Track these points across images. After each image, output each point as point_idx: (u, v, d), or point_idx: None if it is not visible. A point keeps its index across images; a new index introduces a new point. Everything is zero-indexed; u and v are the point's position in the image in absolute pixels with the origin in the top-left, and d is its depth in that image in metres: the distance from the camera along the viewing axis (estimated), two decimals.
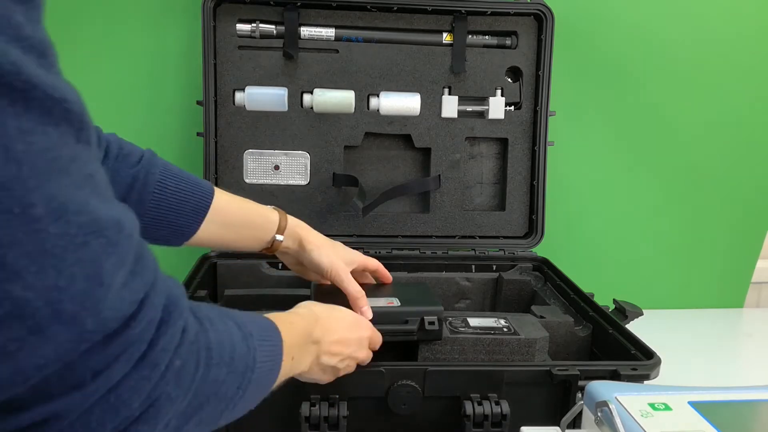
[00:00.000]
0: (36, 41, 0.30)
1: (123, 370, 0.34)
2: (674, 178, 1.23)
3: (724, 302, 1.31)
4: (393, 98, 1.07)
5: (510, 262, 1.10)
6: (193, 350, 0.39)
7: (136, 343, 0.34)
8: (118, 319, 0.33)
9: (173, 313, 0.37)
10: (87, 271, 0.31)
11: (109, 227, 0.33)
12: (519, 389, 0.71)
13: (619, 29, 1.15)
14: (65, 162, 0.31)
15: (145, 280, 0.35)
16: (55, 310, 0.30)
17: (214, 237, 0.73)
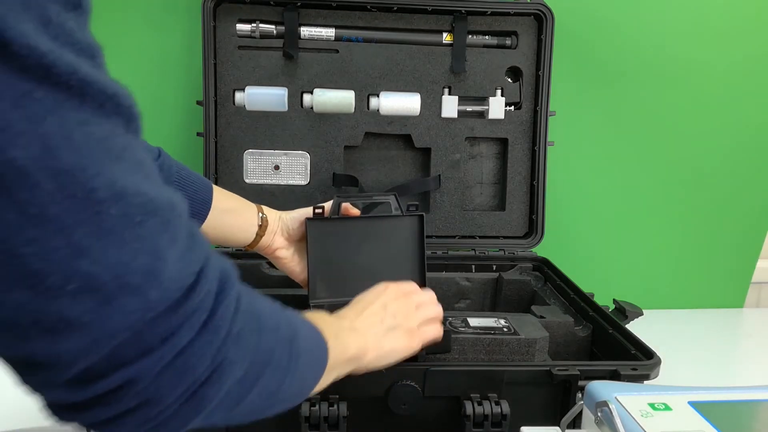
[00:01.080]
0: (86, 45, 0.33)
1: (188, 336, 0.37)
2: (674, 178, 1.23)
3: (724, 302, 1.31)
4: (393, 98, 1.07)
5: (510, 262, 1.10)
6: (247, 318, 0.42)
7: (198, 311, 0.37)
8: (179, 290, 0.36)
9: (227, 284, 0.40)
10: (146, 247, 0.34)
11: (162, 207, 0.36)
12: (519, 389, 0.71)
13: (619, 29, 1.15)
14: (119, 150, 0.34)
15: (200, 255, 0.39)
16: (121, 283, 0.33)
17: (216, 226, 0.77)
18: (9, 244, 0.30)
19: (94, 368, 0.34)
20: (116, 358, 0.34)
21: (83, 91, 0.32)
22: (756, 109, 1.20)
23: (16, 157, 0.29)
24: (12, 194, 0.30)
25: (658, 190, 1.23)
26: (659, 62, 1.17)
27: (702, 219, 1.25)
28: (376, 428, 0.72)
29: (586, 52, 1.16)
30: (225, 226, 0.78)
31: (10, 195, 0.30)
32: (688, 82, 1.18)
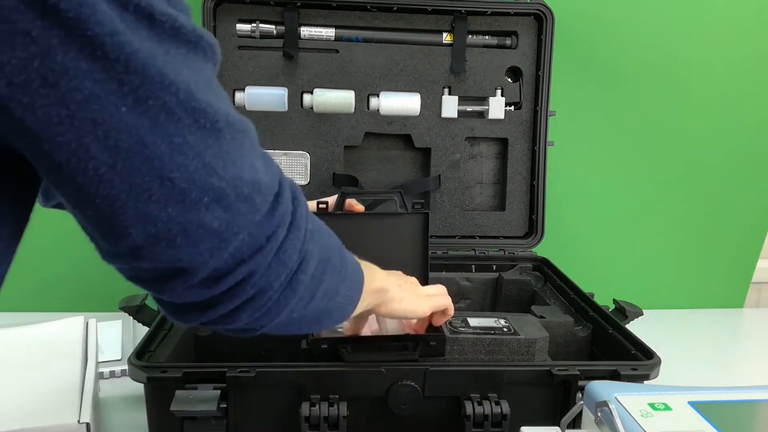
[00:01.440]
0: (187, 7, 0.40)
1: (283, 233, 0.44)
2: (674, 178, 1.23)
3: (724, 302, 1.31)
4: (393, 98, 1.07)
5: (510, 262, 1.10)
6: (311, 218, 0.49)
7: (286, 214, 0.45)
8: (272, 195, 0.43)
9: (297, 191, 0.47)
10: (247, 162, 0.42)
11: (249, 129, 0.43)
12: (519, 389, 0.71)
13: (619, 29, 1.15)
14: (216, 86, 0.41)
15: (276, 168, 0.46)
16: (238, 193, 0.40)
17: None
18: (163, 170, 0.37)
19: (222, 268, 0.42)
20: (237, 256, 0.42)
21: (197, 44, 0.39)
22: (756, 109, 1.20)
23: (167, 101, 0.37)
24: (164, 129, 0.37)
25: (658, 190, 1.23)
26: (659, 62, 1.17)
27: (702, 219, 1.25)
28: (376, 428, 0.72)
29: (586, 52, 1.16)
30: None
31: (163, 130, 0.37)
32: (688, 81, 1.18)
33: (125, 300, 0.83)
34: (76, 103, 0.34)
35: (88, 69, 0.34)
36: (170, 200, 0.38)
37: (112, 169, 0.36)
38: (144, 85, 0.36)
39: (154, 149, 0.37)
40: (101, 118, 0.35)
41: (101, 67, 0.34)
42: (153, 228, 0.38)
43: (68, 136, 0.35)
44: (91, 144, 0.35)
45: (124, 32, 0.35)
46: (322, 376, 0.68)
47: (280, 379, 0.68)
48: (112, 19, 0.34)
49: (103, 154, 0.36)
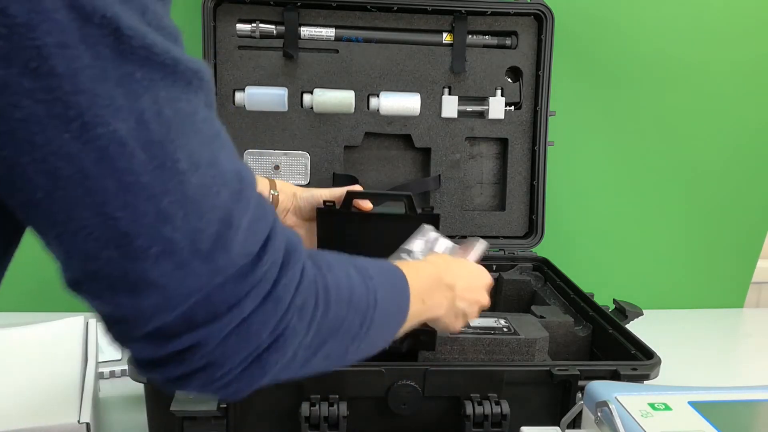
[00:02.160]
0: (172, 29, 0.36)
1: (252, 304, 0.39)
2: (674, 177, 1.23)
3: (724, 302, 1.31)
4: (393, 98, 1.07)
5: (510, 262, 1.10)
6: (312, 290, 0.43)
7: (263, 281, 0.39)
8: (246, 257, 0.38)
9: (293, 256, 0.42)
10: (219, 215, 0.37)
11: (234, 179, 0.38)
12: (519, 389, 0.71)
13: (619, 29, 1.15)
14: (200, 123, 0.37)
15: (266, 225, 0.40)
16: (195, 249, 0.36)
17: None
18: (105, 208, 0.33)
19: (168, 328, 0.37)
20: (187, 320, 0.37)
21: (175, 70, 0.35)
22: (756, 109, 1.20)
23: (118, 129, 0.32)
24: (113, 163, 0.33)
25: (658, 190, 1.23)
26: (659, 62, 1.17)
27: (702, 219, 1.25)
28: (376, 428, 0.72)
29: (586, 52, 1.16)
30: None
31: (111, 163, 0.33)
32: (688, 82, 1.18)
33: None
34: (14, 121, 0.31)
35: (30, 87, 0.31)
36: (111, 241, 0.34)
37: (49, 197, 0.33)
38: (92, 109, 0.32)
39: (97, 182, 0.33)
40: (40, 141, 0.31)
41: (44, 85, 0.31)
42: (92, 265, 0.35)
43: (5, 152, 0.32)
44: (27, 166, 0.32)
45: (75, 46, 0.31)
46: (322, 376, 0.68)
47: None
48: (66, 31, 0.31)
49: (41, 179, 0.32)
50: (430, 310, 0.61)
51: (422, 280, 0.60)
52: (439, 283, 0.63)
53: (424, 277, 0.61)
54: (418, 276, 0.59)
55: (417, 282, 0.58)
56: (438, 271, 0.63)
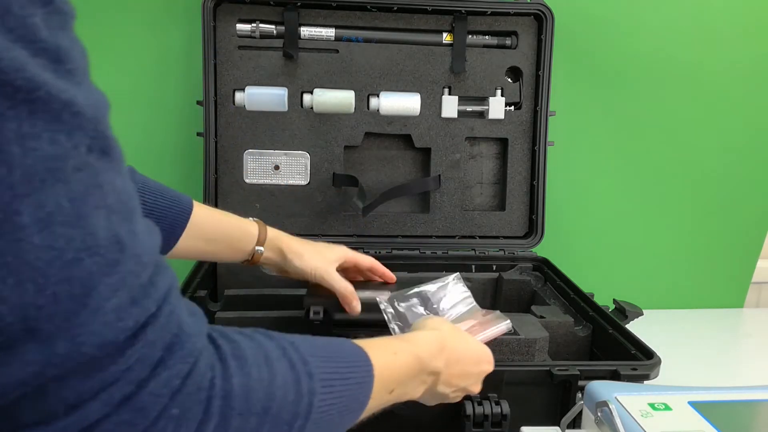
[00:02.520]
0: (52, 45, 0.29)
1: (101, 410, 0.30)
2: (674, 177, 1.23)
3: (724, 302, 1.31)
4: (393, 98, 1.07)
5: (510, 262, 1.10)
6: (199, 398, 0.34)
7: (120, 381, 0.31)
8: (101, 347, 0.30)
9: (176, 354, 0.33)
10: (74, 290, 0.29)
11: (109, 246, 0.31)
12: (519, 389, 0.71)
13: (619, 29, 1.15)
14: (69, 171, 0.29)
15: (144, 311, 0.32)
16: (28, 328, 0.28)
17: (192, 250, 0.74)
18: None
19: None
20: (12, 419, 0.29)
21: (32, 96, 0.28)
22: (756, 109, 1.20)
23: None
24: None
25: (658, 190, 1.23)
26: (659, 62, 1.17)
27: (702, 219, 1.25)
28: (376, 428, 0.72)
29: (586, 52, 1.16)
30: (203, 252, 0.76)
31: None
32: (688, 82, 1.18)
33: None
34: None
35: None
36: None
37: None
38: None
39: None
40: None
41: None
42: None
43: None
44: None
45: None
46: None
47: None
48: None
49: None
50: (400, 397, 0.54)
51: (398, 367, 0.52)
52: (420, 372, 0.55)
53: (401, 364, 0.53)
54: (394, 363, 0.52)
55: (389, 370, 0.51)
56: (426, 355, 0.55)
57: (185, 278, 0.94)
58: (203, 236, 0.74)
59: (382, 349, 0.51)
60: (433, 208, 1.12)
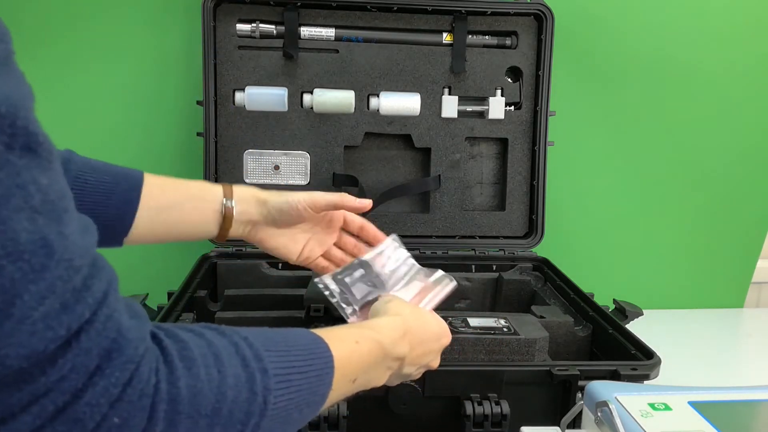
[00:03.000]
0: None
1: (34, 422, 0.29)
2: (674, 177, 1.23)
3: (724, 302, 1.31)
4: (393, 98, 1.07)
5: (510, 262, 1.10)
6: (142, 405, 0.33)
7: (53, 392, 0.29)
8: (27, 358, 0.28)
9: (115, 361, 0.32)
10: None
11: (34, 249, 0.29)
12: (519, 389, 0.71)
13: (619, 29, 1.15)
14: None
15: (78, 317, 0.30)
16: None
17: (156, 226, 0.66)
18: None
19: None
20: None
21: None
22: (756, 109, 1.20)
23: None
24: None
25: (658, 190, 1.23)
26: (659, 62, 1.17)
27: (702, 219, 1.25)
28: (376, 428, 0.72)
29: (586, 52, 1.16)
30: (167, 224, 0.67)
31: None
32: (688, 82, 1.18)
33: None
34: None
35: None
36: None
37: None
38: None
39: None
40: None
41: None
42: None
43: None
44: None
45: None
46: None
47: None
48: None
49: None
50: (365, 385, 0.53)
51: (360, 356, 0.51)
52: (384, 358, 0.54)
53: (363, 352, 0.51)
54: (356, 351, 0.50)
55: (351, 360, 0.49)
56: (389, 342, 0.54)
57: (185, 278, 0.94)
58: (162, 205, 0.66)
59: (343, 339, 0.50)
60: (433, 208, 1.12)
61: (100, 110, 1.10)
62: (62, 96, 1.08)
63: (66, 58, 1.07)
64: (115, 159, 1.09)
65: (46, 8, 1.05)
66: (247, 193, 0.71)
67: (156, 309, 0.84)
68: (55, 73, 1.08)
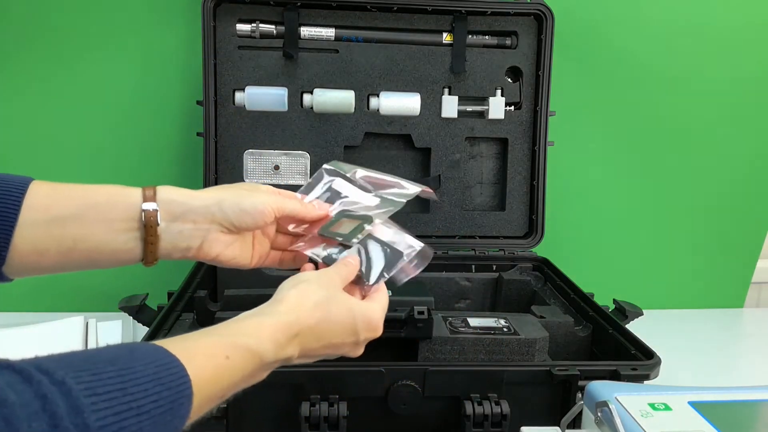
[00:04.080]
0: None
1: None
2: (674, 177, 1.23)
3: (724, 302, 1.31)
4: (393, 98, 1.07)
5: (510, 262, 1.10)
6: None
7: None
8: None
9: None
10: None
11: None
12: (519, 389, 0.71)
13: (618, 29, 1.15)
14: None
15: None
16: None
17: (46, 246, 0.51)
18: None
19: None
20: None
21: None
22: (756, 109, 1.20)
23: None
24: None
25: (658, 190, 1.23)
26: (659, 62, 1.17)
27: (702, 219, 1.25)
28: (376, 428, 0.72)
29: (586, 52, 1.16)
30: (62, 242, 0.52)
31: None
32: (688, 82, 1.18)
33: (125, 300, 0.83)
34: None
35: None
36: None
37: None
38: None
39: None
40: None
41: None
42: None
43: None
44: None
45: None
46: (322, 376, 0.68)
47: (280, 379, 0.68)
48: None
49: None
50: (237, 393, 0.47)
51: (231, 373, 0.44)
52: (263, 367, 0.48)
53: (235, 368, 0.44)
54: (225, 369, 0.43)
55: (218, 378, 0.43)
56: (264, 354, 0.47)
57: (185, 278, 0.94)
58: (54, 216, 0.51)
59: (210, 353, 0.43)
60: (433, 208, 1.12)
61: (100, 110, 1.10)
62: (62, 96, 1.08)
63: (66, 58, 1.07)
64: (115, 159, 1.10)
65: (45, 8, 1.05)
66: (179, 194, 0.55)
67: (156, 309, 0.84)
68: (54, 73, 1.08)
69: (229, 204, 0.57)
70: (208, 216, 0.56)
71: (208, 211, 0.56)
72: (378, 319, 0.55)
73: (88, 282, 1.14)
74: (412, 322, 0.75)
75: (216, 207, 0.56)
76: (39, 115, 1.08)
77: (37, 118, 1.08)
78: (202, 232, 0.57)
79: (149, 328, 0.78)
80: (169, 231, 0.55)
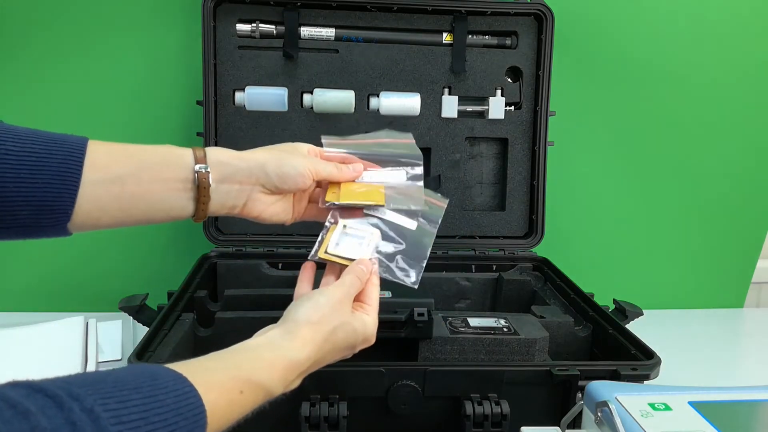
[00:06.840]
0: None
1: None
2: (674, 177, 1.23)
3: (724, 302, 1.31)
4: (393, 98, 1.07)
5: (510, 262, 1.10)
6: None
7: None
8: None
9: None
10: None
11: None
12: (519, 389, 0.71)
13: (619, 29, 1.15)
14: None
15: None
16: None
17: (108, 205, 0.54)
18: None
19: None
20: None
21: None
22: (756, 109, 1.20)
23: None
24: None
25: (658, 190, 1.23)
26: (659, 62, 1.17)
27: (702, 219, 1.25)
28: (376, 428, 0.72)
29: (586, 52, 1.16)
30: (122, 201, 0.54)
31: None
32: (688, 81, 1.18)
33: (125, 300, 0.83)
34: None
35: None
36: None
37: None
38: None
39: None
40: None
41: None
42: None
43: None
44: None
45: None
46: (322, 376, 0.68)
47: None
48: None
49: None
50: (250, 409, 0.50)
51: (242, 407, 0.47)
52: (267, 398, 0.51)
53: (246, 402, 0.48)
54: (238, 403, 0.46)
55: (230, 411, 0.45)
56: (273, 389, 0.51)
57: (185, 278, 0.94)
58: (112, 176, 0.54)
59: (227, 388, 0.45)
60: None
61: (100, 110, 1.10)
62: (61, 96, 1.09)
63: (66, 58, 1.07)
64: None
65: (45, 8, 1.05)
66: (227, 155, 0.59)
67: (156, 309, 0.84)
68: (54, 73, 1.08)
69: (272, 167, 0.60)
70: (252, 178, 0.60)
71: (252, 174, 0.60)
72: (373, 333, 0.60)
73: (88, 282, 1.14)
74: (412, 324, 0.75)
75: (260, 170, 0.60)
76: (39, 115, 1.08)
77: (37, 118, 1.08)
78: (247, 193, 0.61)
79: (149, 328, 0.78)
80: (218, 191, 0.59)
